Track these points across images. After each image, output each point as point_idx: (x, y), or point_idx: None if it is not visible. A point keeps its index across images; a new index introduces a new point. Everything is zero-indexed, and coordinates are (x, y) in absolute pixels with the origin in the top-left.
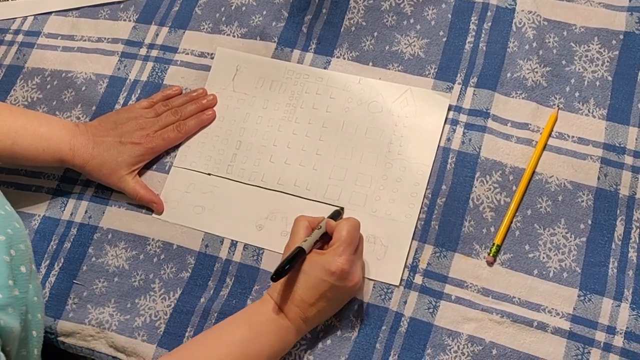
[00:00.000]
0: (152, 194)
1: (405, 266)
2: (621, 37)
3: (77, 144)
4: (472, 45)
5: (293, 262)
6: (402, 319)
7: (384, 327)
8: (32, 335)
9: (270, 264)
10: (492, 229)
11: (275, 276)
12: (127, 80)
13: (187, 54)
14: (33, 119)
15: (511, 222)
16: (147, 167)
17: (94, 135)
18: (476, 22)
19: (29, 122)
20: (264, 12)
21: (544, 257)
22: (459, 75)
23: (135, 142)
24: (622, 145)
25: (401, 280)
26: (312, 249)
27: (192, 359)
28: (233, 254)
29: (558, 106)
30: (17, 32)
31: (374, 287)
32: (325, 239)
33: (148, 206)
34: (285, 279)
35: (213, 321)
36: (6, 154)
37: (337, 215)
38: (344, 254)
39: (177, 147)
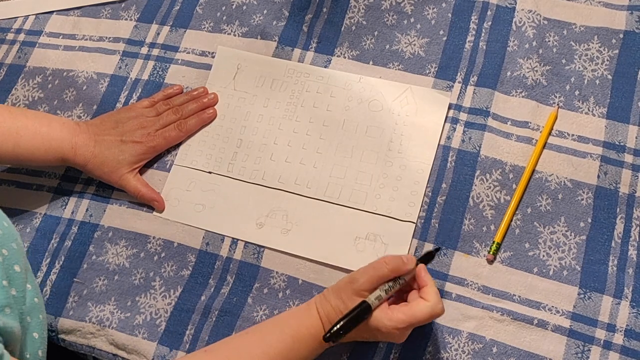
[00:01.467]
0: (153, 192)
1: None
2: (621, 36)
3: (79, 142)
4: (472, 44)
5: (353, 323)
6: None
7: None
8: (34, 337)
9: (270, 262)
10: (492, 227)
11: (330, 336)
12: (129, 79)
13: (188, 53)
14: (33, 119)
15: (511, 221)
16: (148, 165)
17: (95, 133)
18: (476, 21)
19: (29, 122)
20: (265, 11)
21: (544, 255)
22: (459, 74)
23: (137, 141)
24: (622, 144)
25: None
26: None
27: (233, 358)
28: (234, 252)
29: (558, 104)
30: (18, 31)
31: None
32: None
33: (149, 204)
34: (338, 304)
35: (214, 319)
36: (9, 156)
37: (429, 258)
38: (404, 328)
39: (177, 145)
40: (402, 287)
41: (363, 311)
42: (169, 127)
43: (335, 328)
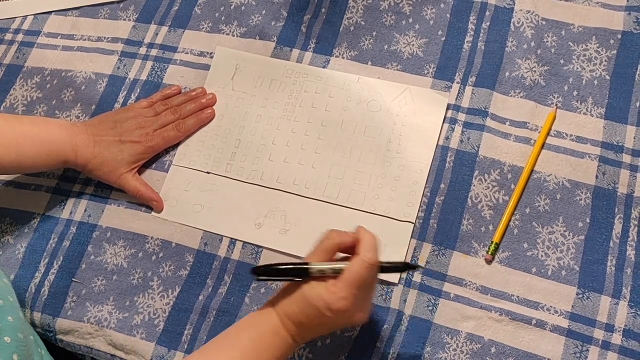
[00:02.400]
0: (152, 192)
1: None
2: (619, 36)
3: (79, 143)
4: (470, 44)
5: (282, 273)
6: (403, 317)
7: (385, 326)
8: (5, 341)
9: (268, 262)
10: (491, 228)
11: (256, 272)
12: (127, 80)
13: (187, 53)
14: (31, 125)
15: (510, 221)
16: (147, 165)
17: (94, 134)
18: (475, 21)
19: (28, 129)
20: (264, 12)
21: (542, 256)
22: (457, 74)
23: (135, 141)
24: (620, 144)
25: (400, 278)
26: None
27: None
28: (232, 252)
29: (556, 105)
30: (17, 31)
31: None
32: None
33: (148, 204)
34: (290, 297)
35: (212, 319)
36: (13, 166)
37: (399, 269)
38: (349, 297)
39: (176, 145)
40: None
41: (300, 269)
42: (168, 128)
43: (267, 266)
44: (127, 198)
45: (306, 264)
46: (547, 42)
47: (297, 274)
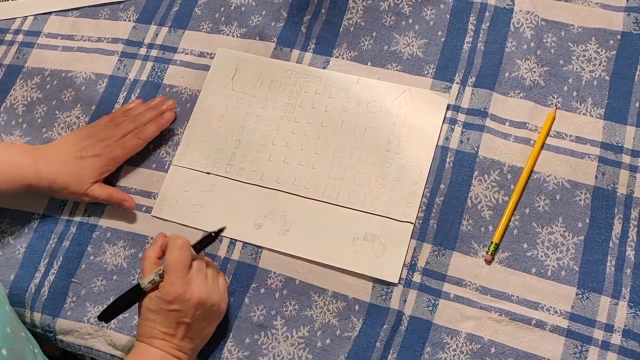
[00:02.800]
0: (122, 192)
1: (404, 265)
2: (618, 37)
3: (40, 166)
4: (470, 45)
5: (123, 300)
6: (403, 317)
7: (385, 326)
8: None
9: (268, 262)
10: (491, 228)
11: (102, 317)
12: (127, 80)
13: (187, 53)
14: None
15: (509, 221)
16: (146, 166)
17: (55, 155)
18: (474, 22)
19: None
20: (263, 12)
21: (542, 256)
22: (457, 75)
23: (96, 154)
24: (619, 144)
25: (400, 278)
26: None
27: None
28: (232, 253)
29: (556, 105)
30: (17, 31)
31: (373, 287)
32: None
33: (121, 205)
34: (144, 319)
35: None
36: None
37: (208, 241)
38: (175, 281)
39: (176, 145)
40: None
41: (134, 290)
42: (128, 137)
43: (108, 307)
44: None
45: (137, 284)
46: (547, 42)
47: (134, 295)
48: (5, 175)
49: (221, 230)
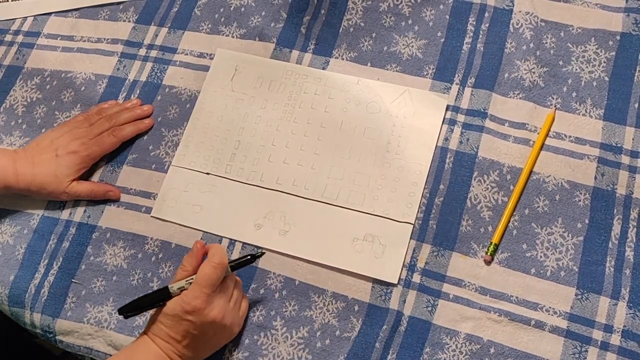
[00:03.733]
0: (104, 184)
1: (404, 265)
2: (618, 37)
3: (19, 168)
4: (469, 46)
5: (148, 300)
6: (402, 317)
7: (384, 327)
8: None
9: (268, 263)
10: (490, 228)
11: (122, 311)
12: (127, 81)
13: (187, 54)
14: None
15: (509, 222)
16: (146, 166)
17: (32, 155)
18: (474, 23)
19: None
20: (263, 13)
21: (541, 256)
22: (456, 75)
23: (72, 152)
24: (618, 145)
25: (399, 279)
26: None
27: None
28: (231, 253)
29: (555, 106)
30: (17, 32)
31: (373, 287)
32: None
33: (106, 197)
34: (157, 319)
35: None
36: None
37: (245, 262)
38: (199, 295)
39: (175, 146)
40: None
41: (161, 292)
42: (104, 134)
43: (131, 303)
44: (126, 199)
45: (165, 287)
46: (546, 43)
47: (160, 297)
48: None
49: (261, 254)
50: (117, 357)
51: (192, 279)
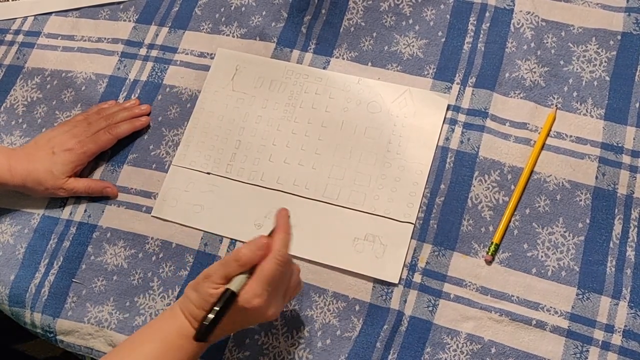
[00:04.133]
0: (101, 181)
1: (405, 265)
2: (619, 37)
3: (14, 164)
4: (470, 45)
5: (221, 314)
6: (403, 317)
7: (385, 326)
8: None
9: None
10: (491, 228)
11: (200, 335)
12: (127, 80)
13: (187, 54)
14: None
15: (509, 221)
16: (146, 166)
17: (29, 153)
18: (475, 22)
19: None
20: (264, 13)
21: (542, 256)
22: (457, 75)
23: (68, 149)
24: (619, 145)
25: (400, 279)
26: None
27: None
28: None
29: (556, 106)
30: (17, 32)
31: (374, 287)
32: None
33: (103, 194)
34: (199, 300)
35: None
36: None
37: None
38: (263, 293)
39: (176, 146)
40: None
41: (229, 300)
42: (100, 132)
43: (204, 325)
44: (127, 199)
45: (227, 290)
46: (547, 42)
47: (230, 303)
48: None
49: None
50: (153, 343)
51: (248, 274)
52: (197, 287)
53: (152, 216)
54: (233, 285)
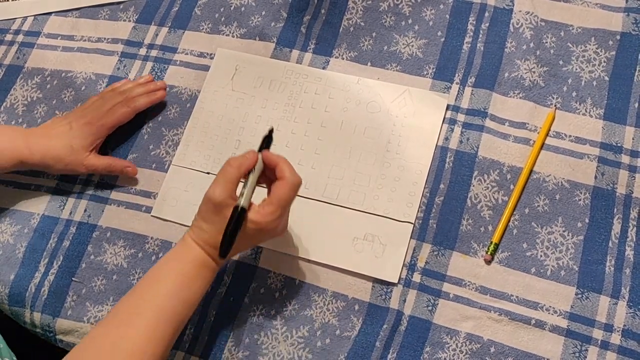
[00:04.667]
0: (122, 160)
1: (404, 265)
2: (618, 37)
3: (31, 140)
4: (470, 45)
5: (236, 228)
6: (403, 317)
7: (385, 326)
8: None
9: (268, 262)
10: (490, 228)
11: (223, 251)
12: None
13: (187, 54)
14: None
15: (509, 221)
16: (146, 166)
17: (46, 131)
18: (474, 22)
19: None
20: (263, 13)
21: (541, 256)
22: (457, 75)
23: (86, 122)
24: (618, 145)
25: (400, 278)
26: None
27: (129, 315)
28: None
29: (555, 106)
30: (17, 32)
31: (373, 287)
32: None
33: (123, 173)
34: (211, 226)
35: (212, 319)
36: None
37: (268, 142)
38: (280, 216)
39: (176, 145)
40: (260, 179)
41: (240, 215)
42: (117, 105)
43: (225, 241)
44: (127, 198)
45: (237, 207)
46: (546, 42)
47: (241, 219)
48: None
49: (271, 131)
50: (168, 275)
51: (248, 182)
52: (205, 216)
53: (151, 216)
54: (240, 201)
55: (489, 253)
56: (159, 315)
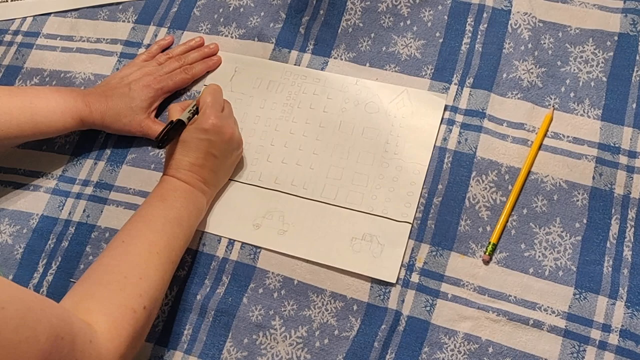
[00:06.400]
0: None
1: (402, 265)
2: (616, 38)
3: (91, 100)
4: (468, 46)
5: (175, 131)
6: (401, 317)
7: (383, 326)
8: None
9: (266, 262)
10: (488, 228)
11: (161, 144)
12: None
13: None
14: (42, 89)
15: (507, 221)
16: (145, 166)
17: (104, 91)
18: (472, 23)
19: (40, 92)
20: (262, 14)
21: (539, 256)
22: (455, 75)
23: (145, 85)
24: (616, 145)
25: (398, 278)
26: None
27: (128, 246)
28: (230, 253)
29: (553, 106)
30: (16, 32)
31: (371, 287)
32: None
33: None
34: (172, 153)
35: (210, 319)
36: (29, 127)
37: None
38: (212, 113)
39: None
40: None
41: (178, 122)
42: (176, 71)
43: (161, 135)
44: (126, 198)
45: (179, 120)
46: (544, 43)
47: (179, 127)
48: (56, 108)
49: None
50: (150, 204)
51: (195, 106)
52: (170, 150)
53: None
54: (183, 116)
55: (487, 253)
56: (151, 242)
